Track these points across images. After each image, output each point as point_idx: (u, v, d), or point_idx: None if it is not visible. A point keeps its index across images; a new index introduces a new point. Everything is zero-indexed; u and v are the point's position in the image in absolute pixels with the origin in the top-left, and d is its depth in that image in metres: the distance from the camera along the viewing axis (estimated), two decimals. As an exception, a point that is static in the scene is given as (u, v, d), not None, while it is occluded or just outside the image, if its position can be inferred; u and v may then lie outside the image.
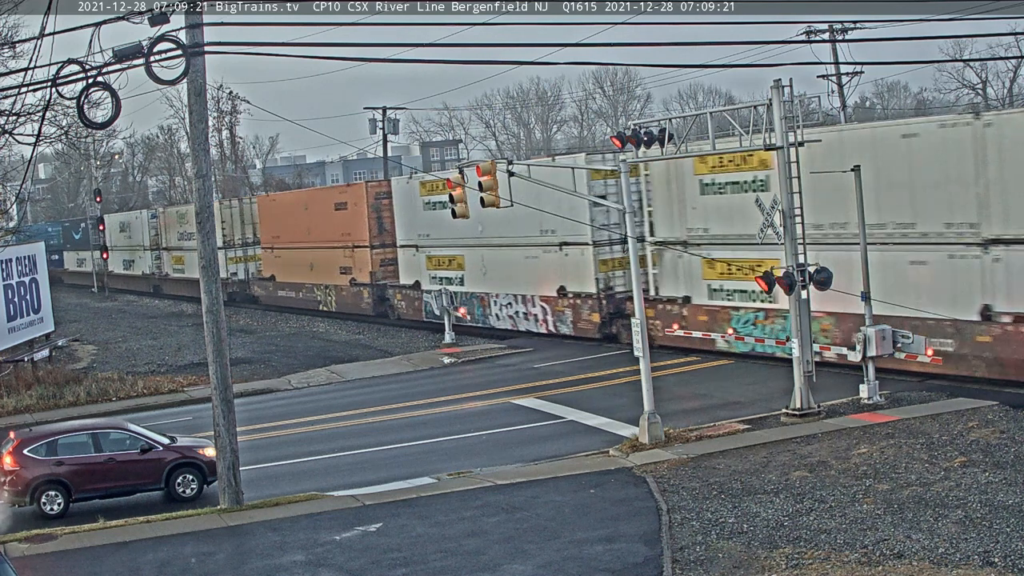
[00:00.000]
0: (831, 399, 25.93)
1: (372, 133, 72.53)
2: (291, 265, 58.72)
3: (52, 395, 34.99)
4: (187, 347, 45.83)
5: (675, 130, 27.77)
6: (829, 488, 19.27)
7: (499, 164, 27.12)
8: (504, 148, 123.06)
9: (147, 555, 18.48)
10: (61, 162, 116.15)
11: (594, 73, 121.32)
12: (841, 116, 57.48)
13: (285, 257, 59.37)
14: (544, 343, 39.84)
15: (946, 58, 72.46)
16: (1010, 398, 24.76)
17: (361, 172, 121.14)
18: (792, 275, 24.77)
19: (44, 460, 22.32)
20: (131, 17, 17.77)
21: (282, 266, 59.81)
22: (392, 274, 50.29)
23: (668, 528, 17.85)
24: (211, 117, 47.53)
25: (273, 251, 60.72)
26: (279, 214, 60.47)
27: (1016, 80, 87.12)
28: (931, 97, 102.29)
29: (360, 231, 51.67)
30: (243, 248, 65.55)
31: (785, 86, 24.84)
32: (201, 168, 21.44)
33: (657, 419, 23.83)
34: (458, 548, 17.64)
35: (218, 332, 21.38)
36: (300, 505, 20.89)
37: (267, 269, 62.05)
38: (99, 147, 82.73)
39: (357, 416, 30.20)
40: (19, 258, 41.15)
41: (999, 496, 17.95)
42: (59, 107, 32.35)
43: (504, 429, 27.15)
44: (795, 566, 15.70)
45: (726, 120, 27.22)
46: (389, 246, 50.41)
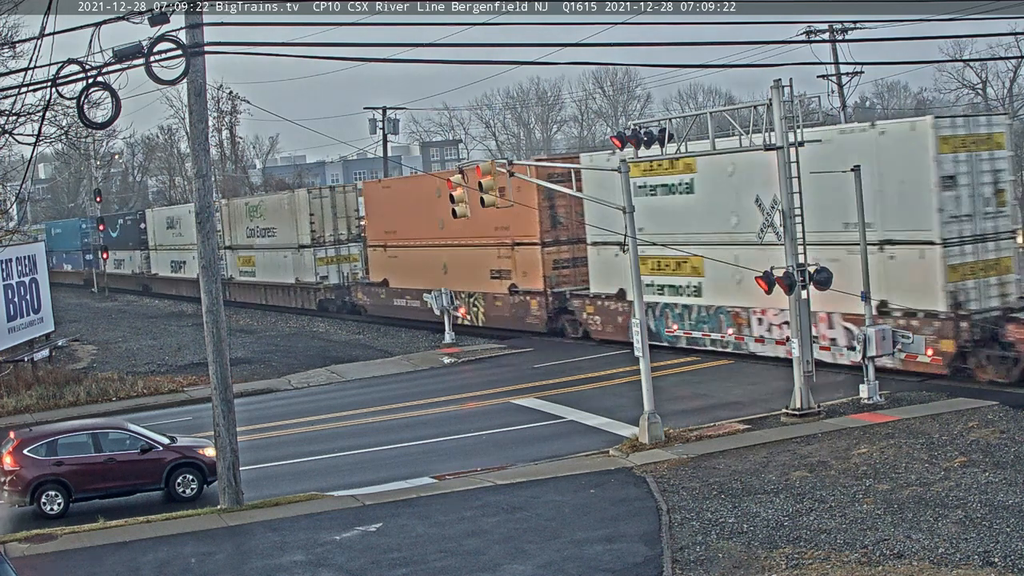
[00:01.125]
0: (831, 399, 25.94)
1: (372, 133, 72.50)
2: (413, 267, 47.99)
3: (52, 395, 34.99)
4: (187, 347, 45.83)
5: (675, 130, 27.78)
6: (829, 488, 19.27)
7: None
8: (504, 148, 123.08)
9: (147, 555, 18.48)
10: (61, 162, 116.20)
11: (594, 73, 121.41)
12: (841, 116, 57.45)
13: (404, 257, 48.83)
14: (544, 343, 39.84)
15: (946, 58, 72.39)
16: (1010, 398, 24.78)
17: (361, 172, 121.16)
18: (792, 275, 24.77)
19: (44, 460, 22.31)
20: (131, 17, 17.78)
21: (399, 268, 49.30)
22: (570, 279, 40.51)
23: (668, 528, 17.85)
24: (211, 117, 47.59)
25: (386, 250, 50.36)
26: (395, 204, 49.38)
27: (1016, 80, 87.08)
28: (931, 97, 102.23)
29: (525, 224, 40.35)
30: (335, 247, 55.94)
31: (785, 86, 24.83)
32: (201, 168, 21.43)
33: (657, 419, 23.84)
34: (458, 548, 17.64)
35: (218, 332, 21.37)
36: (300, 505, 20.89)
37: (376, 272, 51.54)
38: (99, 147, 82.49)
39: (357, 416, 30.21)
40: (19, 258, 41.17)
41: (999, 496, 17.96)
42: (59, 107, 32.35)
43: (504, 429, 27.16)
44: (795, 566, 15.70)
45: (726, 120, 27.22)
46: (565, 243, 40.43)
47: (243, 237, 63.74)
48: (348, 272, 55.35)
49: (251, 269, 63.13)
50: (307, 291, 56.79)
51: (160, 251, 75.73)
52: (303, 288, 57.00)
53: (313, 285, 56.11)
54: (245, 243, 63.61)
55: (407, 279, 48.34)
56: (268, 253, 60.68)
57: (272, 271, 60.39)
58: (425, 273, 46.56)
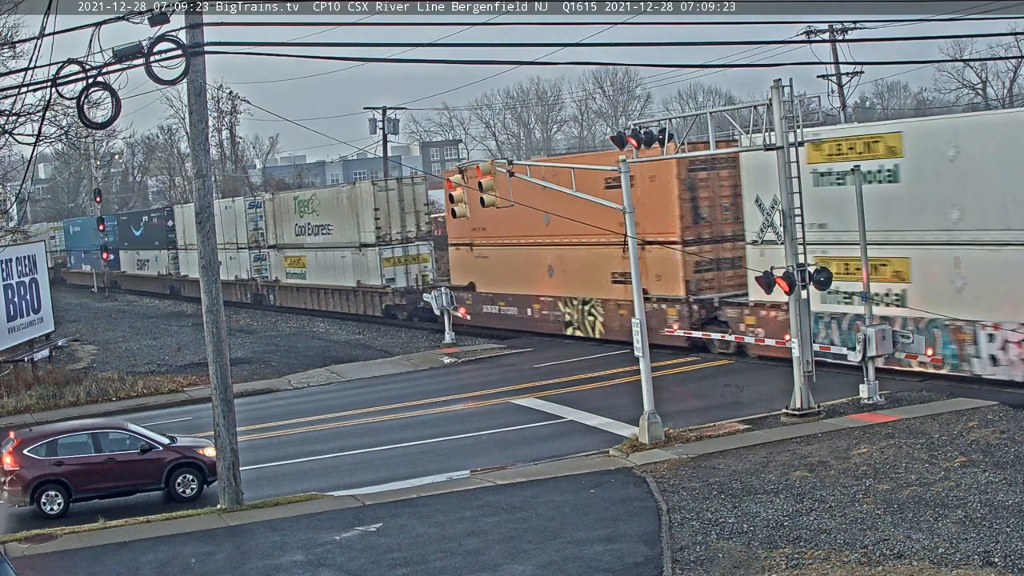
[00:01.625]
0: (831, 399, 25.93)
1: (372, 133, 72.40)
2: (507, 269, 42.30)
3: (52, 395, 35.00)
4: (187, 347, 45.82)
5: (675, 130, 27.76)
6: (829, 488, 19.26)
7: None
8: (504, 148, 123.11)
9: (147, 555, 18.48)
10: (61, 162, 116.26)
11: (594, 73, 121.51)
12: (841, 116, 57.46)
13: (496, 258, 43.07)
14: (544, 343, 39.83)
15: (946, 58, 72.49)
16: (1010, 398, 24.76)
17: (361, 172, 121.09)
18: (792, 275, 24.76)
19: (44, 460, 22.31)
20: (131, 17, 17.79)
21: (488, 271, 43.90)
22: (713, 285, 34.61)
23: (668, 528, 17.85)
24: (211, 117, 47.46)
25: (472, 249, 45.01)
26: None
27: (1016, 80, 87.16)
28: (931, 97, 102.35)
29: (661, 219, 34.58)
30: (403, 246, 49.94)
31: (785, 86, 24.82)
32: (201, 168, 21.43)
33: (657, 419, 23.83)
34: (458, 548, 17.64)
35: (218, 332, 21.38)
36: (300, 505, 20.89)
37: (460, 275, 46.14)
38: (99, 147, 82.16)
39: (357, 416, 30.20)
40: (19, 258, 41.18)
41: (999, 496, 17.95)
42: (59, 107, 32.34)
43: (504, 429, 27.15)
44: (795, 566, 15.70)
45: (726, 120, 27.20)
46: (708, 242, 34.74)
47: (292, 235, 57.97)
48: (418, 274, 49.61)
49: (302, 271, 57.48)
50: (371, 295, 51.11)
51: (192, 251, 66.73)
52: (366, 292, 51.37)
53: (378, 289, 50.15)
54: (294, 241, 57.88)
55: (499, 283, 42.82)
56: (323, 253, 55.01)
57: (327, 273, 54.94)
58: (522, 277, 41.04)
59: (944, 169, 26.72)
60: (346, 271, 52.81)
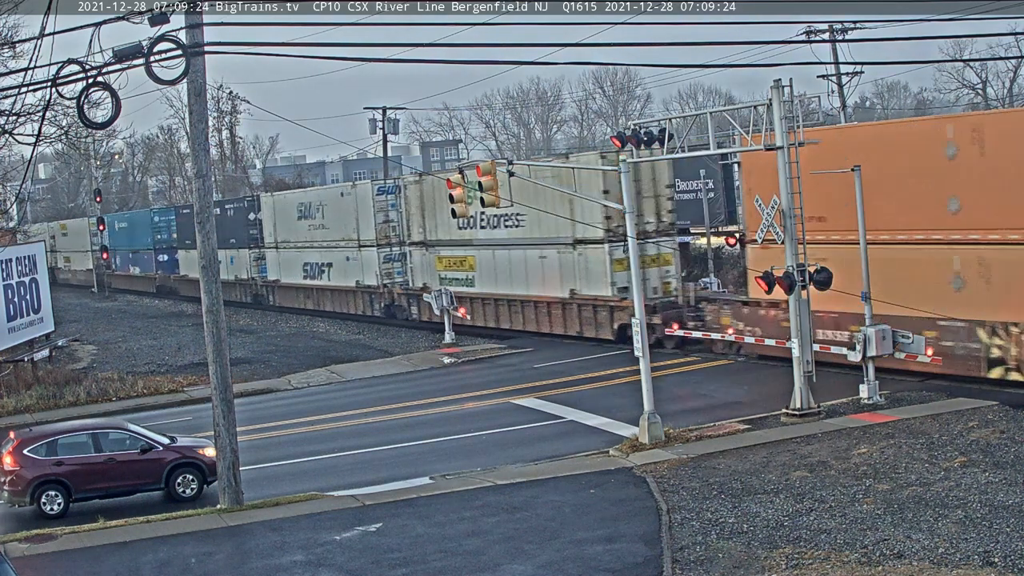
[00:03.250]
0: (831, 399, 25.93)
1: (372, 133, 72.31)
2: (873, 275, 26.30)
3: (52, 395, 34.99)
4: (187, 347, 45.79)
5: (675, 130, 27.76)
6: (829, 488, 19.27)
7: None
8: (504, 148, 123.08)
9: (147, 555, 18.48)
10: (61, 162, 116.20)
11: (594, 73, 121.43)
12: (841, 116, 57.45)
13: (848, 258, 26.82)
14: (544, 343, 39.81)
15: (946, 58, 72.45)
16: (1010, 398, 24.76)
17: (361, 172, 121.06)
18: (792, 275, 24.76)
19: (44, 460, 22.30)
20: (131, 17, 17.78)
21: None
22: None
23: (668, 528, 17.85)
24: (211, 117, 47.57)
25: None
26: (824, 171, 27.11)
27: (1016, 80, 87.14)
28: (931, 97, 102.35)
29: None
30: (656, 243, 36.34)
31: (785, 86, 24.83)
32: (201, 168, 21.43)
33: (657, 419, 23.83)
34: (458, 548, 17.64)
35: (218, 332, 21.38)
36: (300, 505, 20.89)
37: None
38: (99, 147, 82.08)
39: (357, 416, 30.20)
40: (19, 258, 41.19)
41: (999, 496, 17.95)
42: (59, 107, 32.42)
43: (504, 429, 27.15)
44: (795, 566, 15.70)
45: (726, 120, 27.20)
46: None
47: (449, 230, 44.28)
48: (659, 282, 36.53)
49: (465, 275, 44.21)
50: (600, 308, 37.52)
51: (286, 250, 56.52)
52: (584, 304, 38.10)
53: (606, 302, 36.94)
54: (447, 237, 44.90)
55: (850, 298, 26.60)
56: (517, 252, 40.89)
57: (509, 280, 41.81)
58: (902, 285, 26.84)
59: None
60: (547, 275, 39.56)
